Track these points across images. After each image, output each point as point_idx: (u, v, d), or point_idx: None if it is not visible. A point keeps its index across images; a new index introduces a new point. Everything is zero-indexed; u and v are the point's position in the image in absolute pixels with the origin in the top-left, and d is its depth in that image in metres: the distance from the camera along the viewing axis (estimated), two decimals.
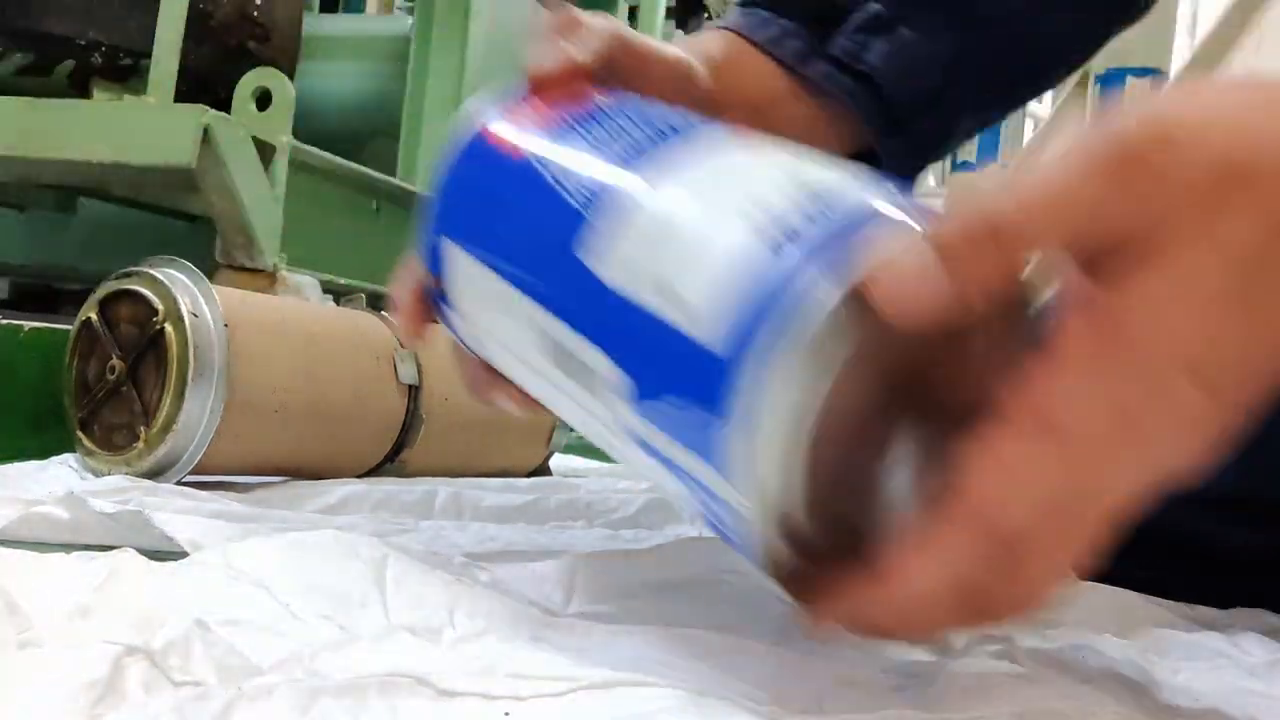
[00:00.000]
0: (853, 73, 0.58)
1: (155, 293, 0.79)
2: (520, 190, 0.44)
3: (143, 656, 0.33)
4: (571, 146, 0.44)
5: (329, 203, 1.49)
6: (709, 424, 0.35)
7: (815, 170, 0.38)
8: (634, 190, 0.40)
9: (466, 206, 0.48)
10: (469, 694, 0.33)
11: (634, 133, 0.43)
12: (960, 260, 0.33)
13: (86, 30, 1.41)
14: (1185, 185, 0.33)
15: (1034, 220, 0.33)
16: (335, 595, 0.43)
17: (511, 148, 0.46)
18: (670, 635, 0.42)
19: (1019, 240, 0.33)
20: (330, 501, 0.77)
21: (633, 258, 0.38)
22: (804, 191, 0.36)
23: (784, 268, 0.34)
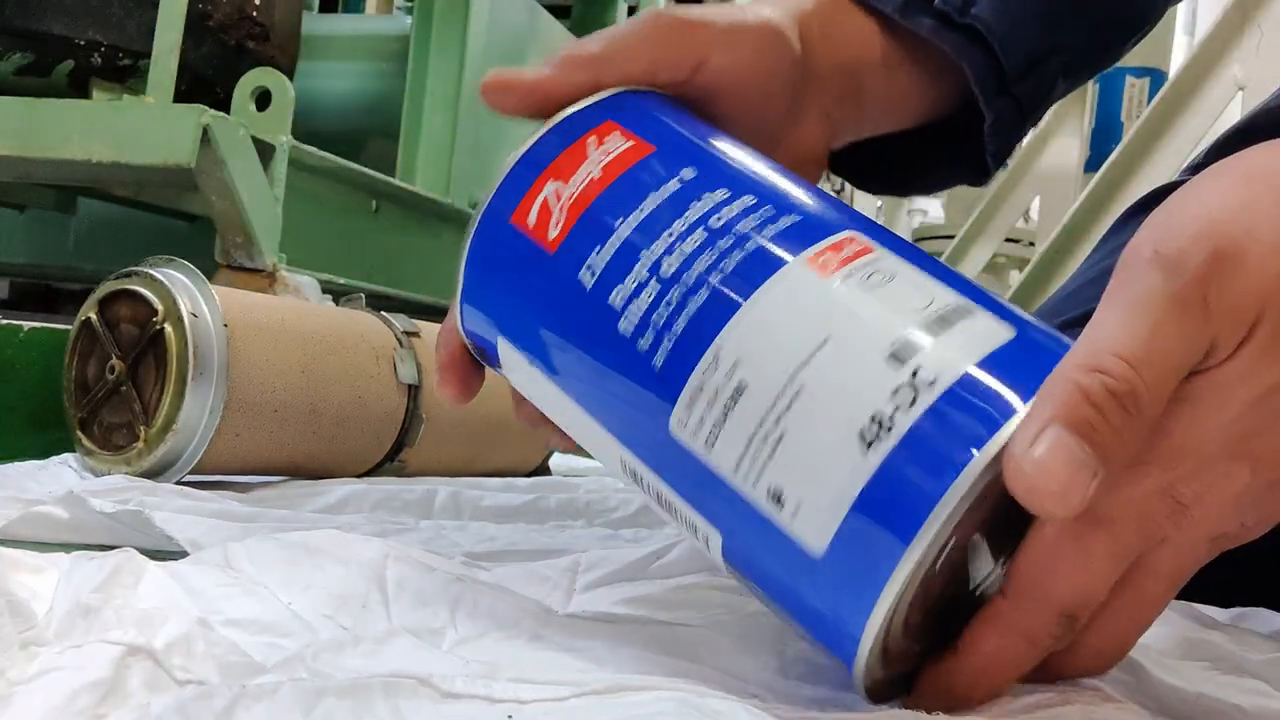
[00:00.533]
0: (959, 28, 0.54)
1: (155, 293, 0.79)
2: (574, 309, 0.40)
3: (145, 656, 0.33)
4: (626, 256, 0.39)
5: (328, 203, 1.49)
6: (804, 601, 0.36)
7: (912, 322, 0.35)
8: (719, 368, 0.36)
9: (510, 306, 0.43)
10: (472, 696, 0.33)
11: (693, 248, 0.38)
12: (1105, 440, 0.33)
13: (86, 30, 1.41)
14: (1264, 296, 0.35)
15: (1154, 374, 0.34)
16: (337, 595, 0.43)
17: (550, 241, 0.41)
18: (672, 636, 0.42)
19: (1143, 403, 0.33)
20: (330, 501, 0.77)
21: (729, 447, 0.36)
22: (902, 369, 0.34)
23: (887, 474, 0.33)
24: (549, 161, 0.42)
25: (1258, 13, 1.78)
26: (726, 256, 0.37)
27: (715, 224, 0.38)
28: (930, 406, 0.34)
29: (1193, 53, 1.88)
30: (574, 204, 0.40)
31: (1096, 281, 0.75)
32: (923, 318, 0.35)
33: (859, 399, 0.34)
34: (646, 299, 0.38)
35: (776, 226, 0.38)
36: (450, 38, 1.80)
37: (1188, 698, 0.42)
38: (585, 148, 0.41)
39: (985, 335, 0.35)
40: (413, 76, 1.81)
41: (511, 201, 0.42)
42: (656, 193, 0.39)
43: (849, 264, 0.37)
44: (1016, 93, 0.56)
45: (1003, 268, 3.52)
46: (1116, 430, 0.33)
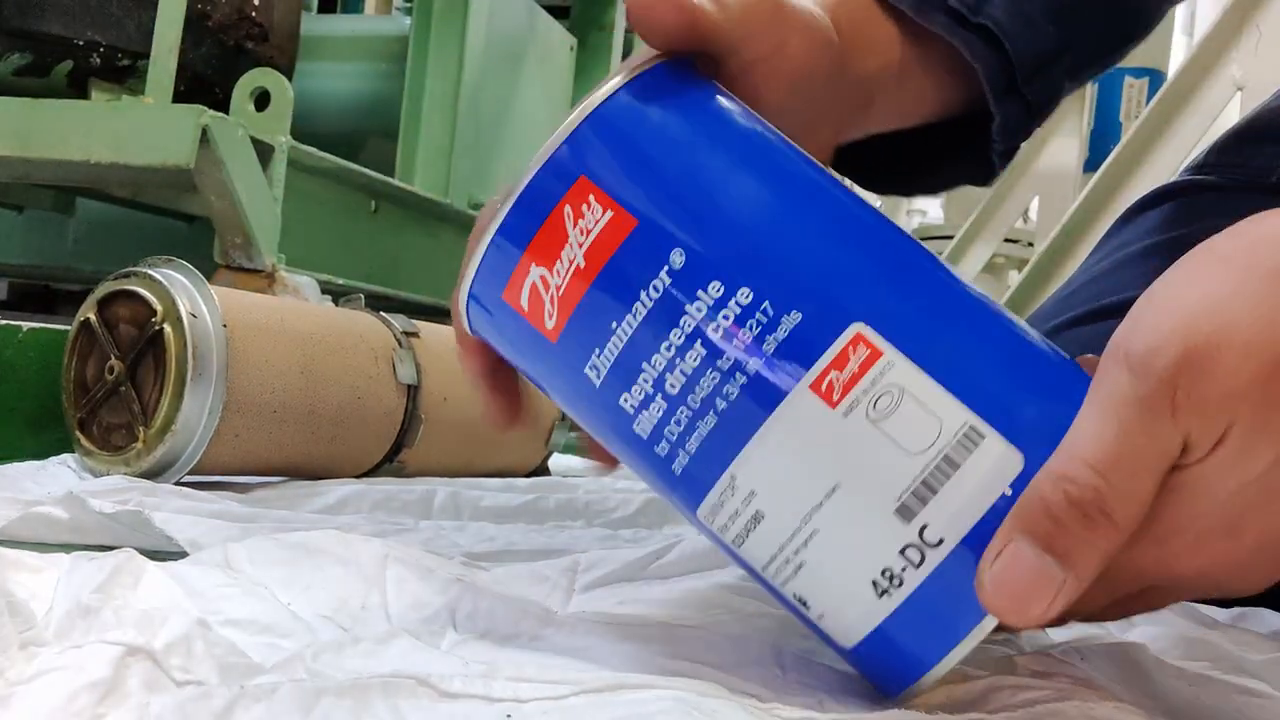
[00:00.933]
0: (973, 26, 0.54)
1: (154, 293, 0.79)
2: (587, 399, 0.39)
3: (145, 656, 0.33)
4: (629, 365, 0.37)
5: (327, 203, 1.49)
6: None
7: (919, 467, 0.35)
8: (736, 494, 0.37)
9: (521, 365, 0.42)
10: (470, 696, 0.33)
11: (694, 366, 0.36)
12: (1069, 548, 0.34)
13: (84, 31, 1.41)
14: (1235, 397, 0.34)
15: (1125, 475, 0.34)
16: (337, 596, 0.43)
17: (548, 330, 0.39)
18: (671, 636, 0.42)
19: (1110, 506, 0.34)
20: (329, 502, 0.77)
21: (754, 554, 0.38)
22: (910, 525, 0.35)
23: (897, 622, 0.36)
24: (529, 238, 0.38)
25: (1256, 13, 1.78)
26: (729, 379, 0.36)
27: (714, 335, 0.36)
28: (937, 569, 0.35)
29: (1191, 53, 1.88)
30: (564, 298, 0.38)
31: (1097, 280, 0.75)
32: (928, 459, 0.35)
33: (872, 551, 0.35)
34: (656, 412, 0.37)
35: (777, 335, 0.36)
36: (449, 38, 1.80)
37: (1188, 697, 0.42)
38: (563, 223, 0.38)
39: (994, 473, 0.35)
40: (411, 77, 1.81)
41: (500, 278, 0.39)
42: (647, 290, 0.37)
43: (855, 386, 0.35)
44: (1025, 93, 0.56)
45: (1002, 268, 3.52)
46: (1080, 538, 0.34)
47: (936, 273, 0.38)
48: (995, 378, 0.36)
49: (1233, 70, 1.80)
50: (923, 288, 0.37)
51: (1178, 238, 0.73)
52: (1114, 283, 0.74)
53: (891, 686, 0.37)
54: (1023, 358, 0.37)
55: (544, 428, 1.09)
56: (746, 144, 0.40)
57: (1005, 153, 0.58)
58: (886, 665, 0.37)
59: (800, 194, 0.38)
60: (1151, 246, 0.74)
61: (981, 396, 0.35)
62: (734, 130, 0.40)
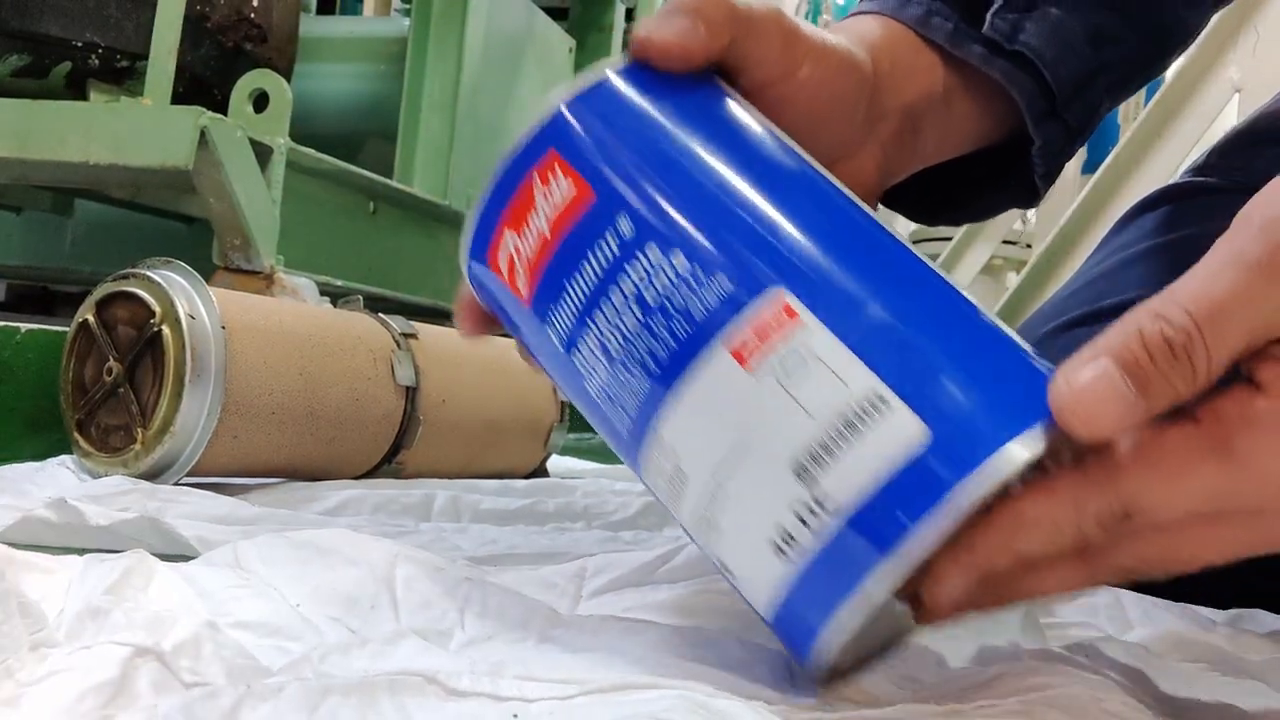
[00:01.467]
0: (1008, 54, 0.54)
1: (152, 295, 0.79)
2: (556, 361, 0.42)
3: (153, 657, 0.34)
4: (580, 328, 0.40)
5: (326, 204, 1.49)
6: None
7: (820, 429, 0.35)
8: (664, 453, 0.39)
9: (508, 322, 0.45)
10: (478, 694, 0.33)
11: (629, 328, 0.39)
12: (1149, 379, 0.34)
13: (83, 32, 1.41)
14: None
15: (1217, 333, 0.35)
16: (345, 597, 0.44)
17: (522, 295, 0.42)
18: (680, 639, 0.42)
19: (1205, 354, 0.35)
20: (329, 505, 0.77)
21: (686, 516, 0.39)
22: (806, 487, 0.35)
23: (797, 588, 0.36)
24: (505, 204, 0.42)
25: (1254, 15, 1.79)
26: (656, 340, 0.38)
27: (648, 298, 0.38)
28: (827, 532, 0.35)
29: (1189, 55, 1.88)
30: (532, 265, 0.41)
31: (1097, 282, 0.76)
32: (830, 423, 0.35)
33: (771, 510, 0.36)
34: (603, 375, 0.40)
35: (702, 296, 0.37)
36: (448, 40, 1.80)
37: (1188, 699, 0.42)
38: (532, 191, 0.41)
39: (894, 442, 0.34)
40: (410, 78, 1.81)
41: (485, 245, 0.43)
42: (596, 257, 0.39)
43: (768, 349, 0.36)
44: (1065, 116, 0.56)
45: (1000, 270, 3.53)
46: (1163, 374, 0.34)
47: (885, 249, 0.39)
48: (915, 351, 0.36)
49: (1231, 72, 1.81)
50: (861, 260, 0.38)
51: (1179, 240, 0.73)
52: (1114, 284, 0.74)
53: (798, 655, 0.37)
54: (954, 336, 0.37)
55: (542, 430, 1.09)
56: (711, 130, 0.42)
57: (1048, 174, 0.59)
58: (792, 632, 0.37)
59: (748, 173, 0.40)
60: (1152, 248, 0.74)
61: (895, 367, 0.35)
62: (702, 117, 0.42)
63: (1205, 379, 0.35)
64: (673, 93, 0.42)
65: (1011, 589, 0.38)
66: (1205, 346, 0.34)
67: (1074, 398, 0.34)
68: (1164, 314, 0.35)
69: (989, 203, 0.62)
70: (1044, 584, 0.38)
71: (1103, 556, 0.37)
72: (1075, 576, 0.38)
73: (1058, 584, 0.38)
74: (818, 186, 0.41)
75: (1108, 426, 0.34)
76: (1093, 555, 0.37)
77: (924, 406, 0.35)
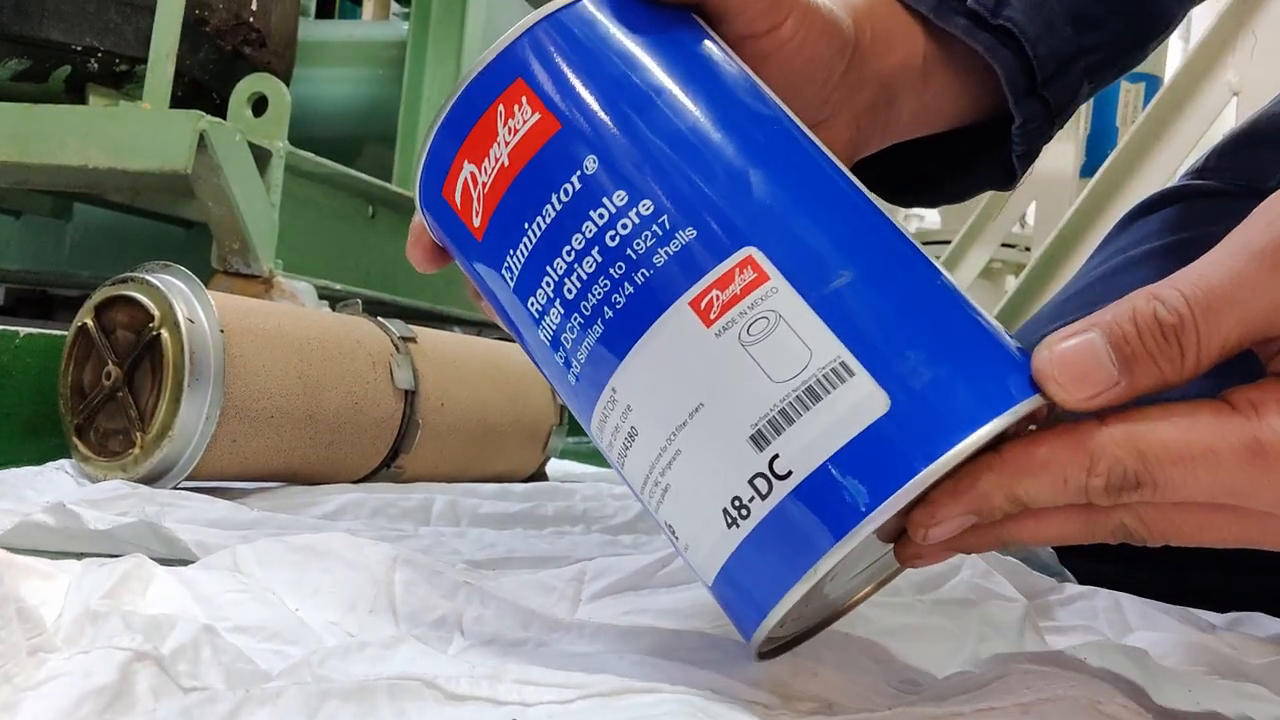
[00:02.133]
0: (992, 28, 0.54)
1: (151, 298, 0.79)
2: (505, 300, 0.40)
3: (152, 662, 0.34)
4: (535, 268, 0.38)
5: (325, 208, 1.49)
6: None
7: (778, 396, 0.34)
8: (616, 408, 0.37)
9: (457, 256, 0.43)
10: (476, 698, 0.33)
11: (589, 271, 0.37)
12: (1135, 356, 0.34)
13: (82, 36, 1.41)
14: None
15: (1210, 319, 0.34)
16: (345, 600, 0.44)
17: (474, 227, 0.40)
18: (679, 643, 0.42)
19: (1195, 339, 0.34)
20: (327, 509, 0.77)
21: (633, 474, 0.38)
22: (761, 455, 0.34)
23: (742, 558, 0.35)
24: (464, 135, 0.40)
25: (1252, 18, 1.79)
26: (618, 289, 0.36)
27: (610, 243, 0.36)
28: (780, 502, 0.34)
29: (1187, 58, 1.88)
30: (488, 195, 0.39)
31: (1096, 285, 0.76)
32: (790, 389, 0.34)
33: (725, 476, 0.35)
34: (555, 318, 0.38)
35: (668, 249, 0.36)
36: (446, 43, 1.80)
37: (1188, 702, 0.42)
38: (495, 120, 0.39)
39: (853, 410, 0.33)
40: (409, 82, 1.81)
41: (440, 174, 0.41)
42: (558, 193, 0.37)
43: (733, 308, 0.35)
44: (1045, 94, 0.57)
45: (999, 273, 3.53)
46: (1149, 353, 0.34)
47: (862, 214, 0.38)
48: (884, 323, 0.35)
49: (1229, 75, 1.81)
50: (836, 224, 0.37)
51: (1178, 242, 0.73)
52: (1113, 287, 0.74)
53: (742, 626, 0.37)
54: (925, 310, 0.36)
55: (541, 433, 1.09)
56: (688, 69, 0.39)
57: (1026, 154, 0.59)
58: (737, 606, 0.36)
59: (725, 119, 0.38)
60: (1152, 251, 0.74)
61: (862, 337, 0.34)
62: (680, 54, 0.40)
63: (1194, 365, 0.35)
64: (652, 26, 0.40)
65: (1004, 531, 0.37)
66: (1197, 331, 0.34)
67: (1054, 362, 0.34)
68: (1159, 295, 0.35)
69: (967, 184, 0.61)
70: (1040, 531, 0.37)
71: (1104, 513, 0.36)
72: (1072, 528, 0.37)
73: (1054, 533, 0.37)
74: (798, 144, 0.39)
75: (1084, 396, 0.34)
76: (1094, 510, 0.36)
77: (889, 379, 0.34)
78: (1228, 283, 0.34)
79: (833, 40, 0.49)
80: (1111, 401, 0.35)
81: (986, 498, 0.35)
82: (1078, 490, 0.35)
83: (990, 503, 0.35)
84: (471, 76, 0.40)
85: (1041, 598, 0.58)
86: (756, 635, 0.36)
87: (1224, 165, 0.77)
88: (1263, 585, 0.61)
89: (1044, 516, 0.37)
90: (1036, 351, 0.35)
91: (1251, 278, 0.34)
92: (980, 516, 0.36)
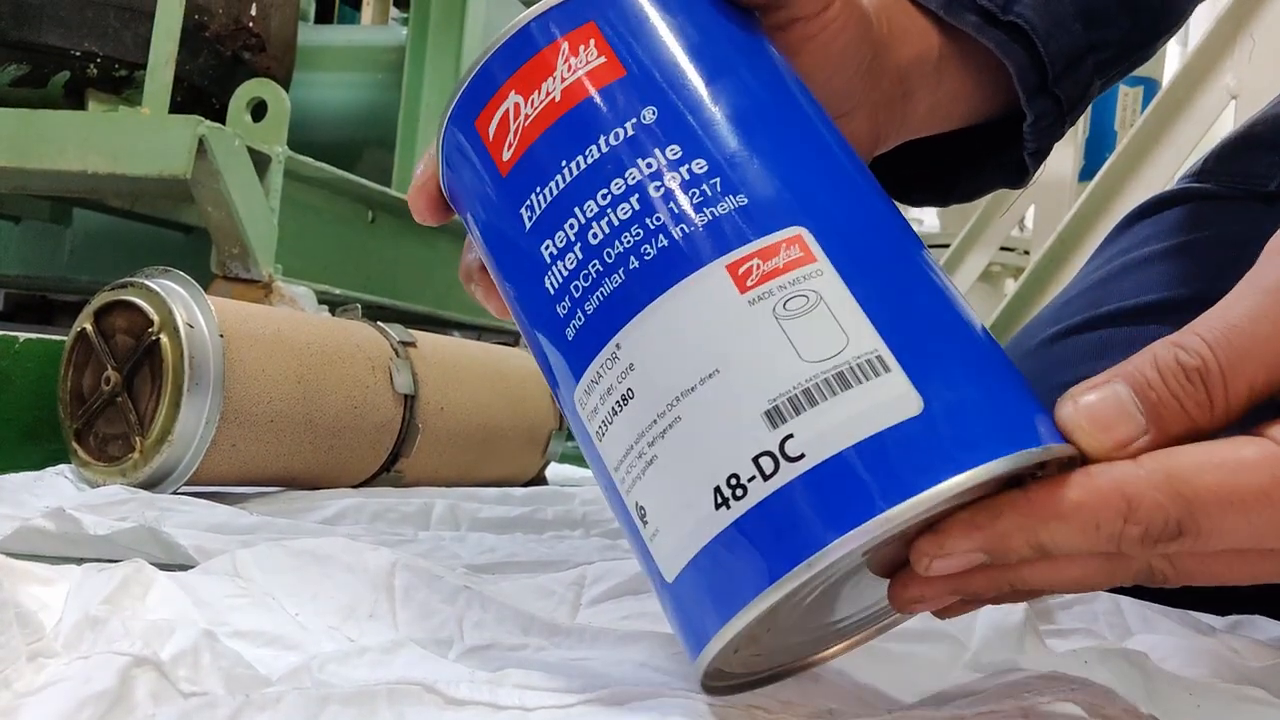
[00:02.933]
0: (1002, 25, 0.54)
1: (150, 303, 0.79)
2: (513, 243, 0.38)
3: (151, 667, 0.33)
4: (562, 207, 0.36)
5: (324, 213, 1.49)
6: (660, 600, 0.36)
7: (806, 375, 0.32)
8: (616, 365, 0.35)
9: (470, 202, 0.41)
10: (476, 703, 0.33)
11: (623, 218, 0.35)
12: (1161, 402, 0.33)
13: (82, 41, 1.41)
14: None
15: (1234, 359, 0.33)
16: (344, 605, 0.44)
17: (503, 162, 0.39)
18: (678, 645, 0.42)
19: (1221, 380, 0.33)
20: (327, 513, 0.77)
21: (612, 447, 0.36)
22: (774, 432, 0.32)
23: (724, 544, 0.32)
24: (518, 66, 0.38)
25: (1250, 22, 1.79)
26: (651, 239, 0.35)
27: (654, 193, 0.35)
28: (785, 486, 0.32)
29: (1186, 62, 1.88)
30: (529, 127, 0.38)
31: (1095, 288, 0.76)
32: (820, 370, 0.32)
33: (725, 451, 0.32)
34: (570, 263, 0.36)
35: (715, 210, 0.35)
36: (445, 48, 1.80)
37: (1189, 705, 0.42)
38: (556, 55, 0.38)
39: (884, 406, 0.32)
40: (408, 87, 1.81)
41: (479, 102, 0.39)
42: (608, 136, 0.36)
43: (772, 279, 0.33)
44: (1057, 91, 0.56)
45: (998, 276, 3.53)
46: (1174, 396, 0.33)
47: (898, 226, 0.37)
48: (925, 327, 0.34)
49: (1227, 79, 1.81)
50: (881, 227, 0.36)
51: (1176, 245, 0.73)
52: (1112, 290, 0.74)
53: (698, 635, 0.34)
54: (960, 327, 0.35)
55: (541, 437, 1.09)
56: (751, 51, 0.39)
57: (1038, 152, 0.59)
58: (696, 608, 0.33)
59: (789, 109, 0.38)
60: (1150, 254, 0.74)
61: (902, 335, 0.33)
62: (744, 36, 0.40)
63: (1223, 409, 0.33)
64: (718, 5, 0.40)
65: (1016, 575, 0.34)
66: (1222, 372, 0.33)
67: (1080, 413, 0.33)
68: (1180, 342, 0.34)
69: (979, 182, 0.61)
70: (1055, 576, 0.34)
71: (1128, 560, 0.34)
72: (1093, 575, 0.34)
73: (1070, 578, 0.35)
74: (844, 145, 0.38)
75: (1113, 444, 0.33)
76: (1120, 556, 0.34)
77: (925, 384, 0.32)
78: (1247, 321, 0.34)
79: (865, 28, 0.49)
80: (1141, 451, 0.33)
81: (1005, 538, 0.33)
82: (1110, 539, 0.32)
83: (1008, 543, 0.33)
84: (541, 10, 0.38)
85: (1041, 601, 0.58)
86: (714, 644, 0.33)
87: (1221, 169, 0.77)
88: (1263, 588, 0.60)
89: (1062, 562, 0.34)
90: (1060, 404, 0.34)
91: (1271, 312, 0.33)
92: (993, 557, 0.33)
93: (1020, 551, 0.33)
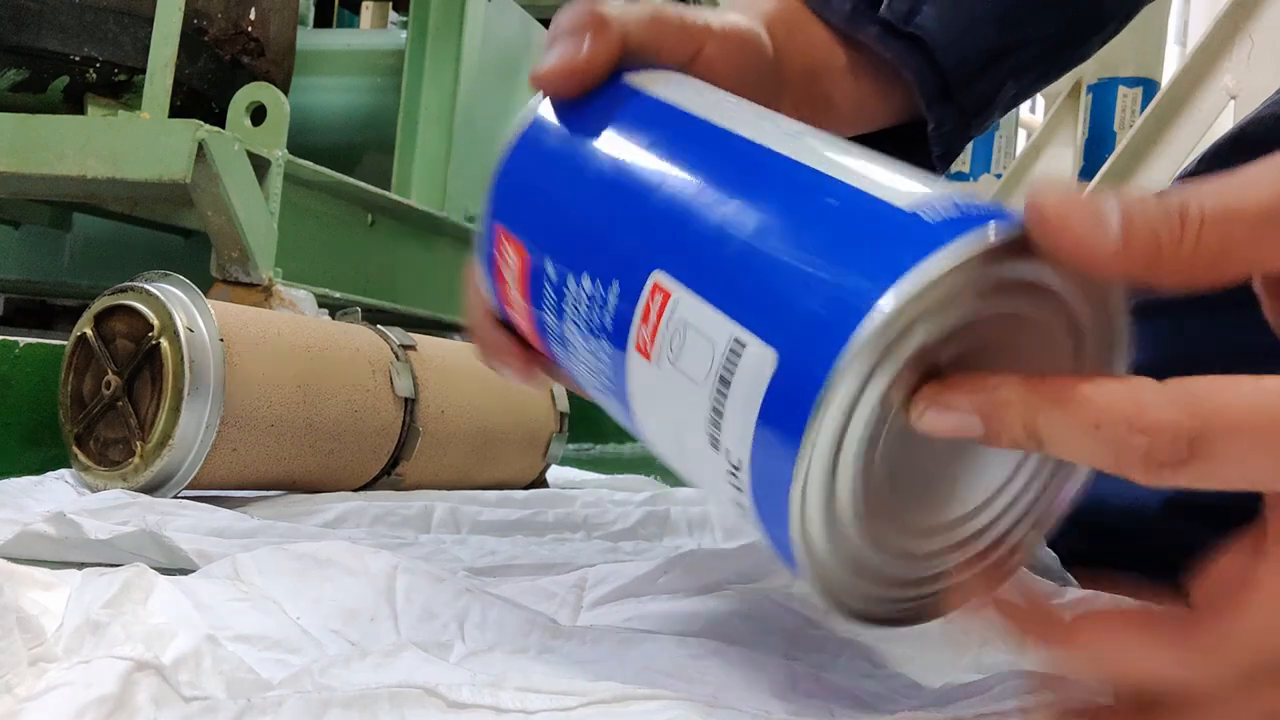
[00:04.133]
0: (903, 36, 0.54)
1: (151, 308, 0.79)
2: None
3: (153, 671, 0.33)
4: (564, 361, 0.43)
5: (324, 217, 1.49)
6: None
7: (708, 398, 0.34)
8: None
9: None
10: (478, 706, 0.33)
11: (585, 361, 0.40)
12: (1132, 220, 0.30)
13: (81, 46, 1.41)
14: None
15: (1219, 216, 0.30)
16: (345, 609, 0.43)
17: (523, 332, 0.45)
18: (681, 650, 0.42)
19: (1189, 220, 0.30)
20: (328, 517, 0.77)
21: None
22: (719, 455, 0.34)
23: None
24: (492, 274, 0.45)
25: (1248, 23, 1.79)
26: (599, 360, 0.39)
27: (581, 325, 0.39)
28: (751, 489, 0.34)
29: (1184, 63, 1.89)
30: (523, 327, 0.45)
31: None
32: (711, 385, 0.34)
33: (718, 485, 0.35)
34: (600, 396, 0.42)
35: (609, 310, 0.38)
36: (445, 52, 1.80)
37: None
38: (500, 267, 0.44)
39: (754, 380, 0.32)
40: (408, 91, 1.81)
41: (494, 292, 0.45)
42: (547, 305, 0.41)
43: (657, 336, 0.35)
44: (960, 99, 0.57)
45: None
46: (1150, 223, 0.30)
47: (745, 168, 0.36)
48: (757, 276, 0.33)
49: (1226, 79, 1.81)
50: (714, 198, 0.36)
51: None
52: None
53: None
54: (798, 236, 0.33)
55: (541, 440, 1.09)
56: (611, 129, 0.41)
57: (944, 155, 0.59)
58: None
59: (634, 154, 0.39)
60: None
61: (743, 302, 0.33)
62: (606, 122, 0.41)
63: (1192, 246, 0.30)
64: (578, 114, 0.43)
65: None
66: (1202, 215, 0.30)
67: (1047, 214, 0.30)
68: (1169, 190, 0.31)
69: None
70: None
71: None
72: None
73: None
74: (696, 131, 0.39)
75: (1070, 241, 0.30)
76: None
77: (769, 328, 0.32)
78: (1242, 182, 0.31)
79: (752, 51, 0.50)
80: (1101, 265, 0.30)
81: (1003, 407, 0.30)
82: (1110, 446, 0.29)
83: (1004, 414, 0.30)
84: (479, 239, 0.45)
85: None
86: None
87: (1216, 169, 0.77)
88: None
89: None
90: (1038, 189, 0.31)
91: (1269, 176, 0.31)
92: (986, 430, 0.31)
93: (1013, 431, 0.31)
